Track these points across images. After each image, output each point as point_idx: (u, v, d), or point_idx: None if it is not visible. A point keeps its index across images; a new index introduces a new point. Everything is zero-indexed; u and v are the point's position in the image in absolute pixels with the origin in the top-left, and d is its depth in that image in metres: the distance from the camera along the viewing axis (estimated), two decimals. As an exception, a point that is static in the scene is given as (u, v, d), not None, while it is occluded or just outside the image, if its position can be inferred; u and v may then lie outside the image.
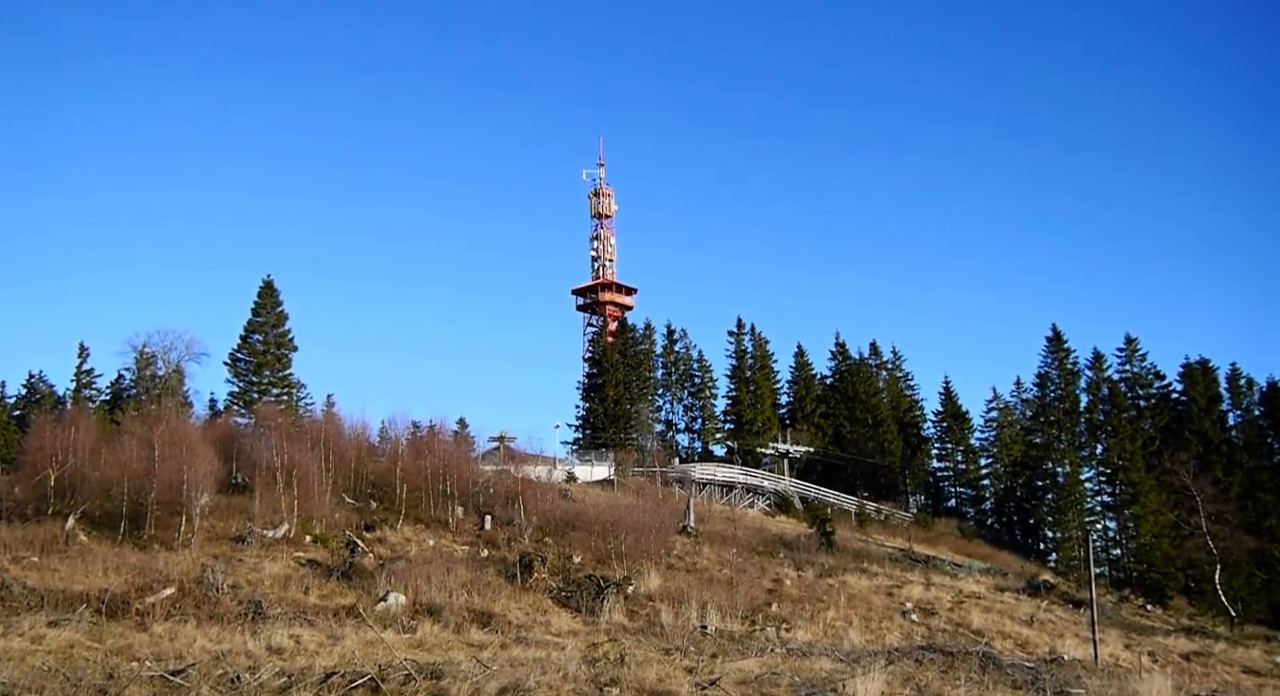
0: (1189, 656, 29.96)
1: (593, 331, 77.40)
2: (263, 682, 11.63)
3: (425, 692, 11.74)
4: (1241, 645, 34.18)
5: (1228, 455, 56.38)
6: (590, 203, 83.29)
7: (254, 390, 48.10)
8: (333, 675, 12.05)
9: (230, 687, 11.43)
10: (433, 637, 19.11)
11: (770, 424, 64.07)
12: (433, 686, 12.16)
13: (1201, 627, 39.15)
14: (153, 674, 11.55)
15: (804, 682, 13.82)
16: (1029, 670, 15.84)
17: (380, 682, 12.06)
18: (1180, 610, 46.83)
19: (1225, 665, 28.96)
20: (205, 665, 12.82)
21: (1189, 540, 47.99)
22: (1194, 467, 46.69)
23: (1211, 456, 54.48)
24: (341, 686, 11.72)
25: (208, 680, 11.68)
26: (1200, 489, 45.40)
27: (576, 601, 26.43)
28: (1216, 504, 46.20)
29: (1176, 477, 47.10)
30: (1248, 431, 59.83)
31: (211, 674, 12.19)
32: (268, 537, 28.69)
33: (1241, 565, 47.66)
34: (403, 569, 25.86)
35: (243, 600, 19.67)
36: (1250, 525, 49.82)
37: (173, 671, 12.11)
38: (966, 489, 68.27)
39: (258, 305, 49.56)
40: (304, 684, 11.83)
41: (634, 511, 36.43)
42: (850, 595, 32.70)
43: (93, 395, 47.69)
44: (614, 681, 13.34)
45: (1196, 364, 61.01)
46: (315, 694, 11.37)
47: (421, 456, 39.20)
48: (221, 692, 11.15)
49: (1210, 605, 44.93)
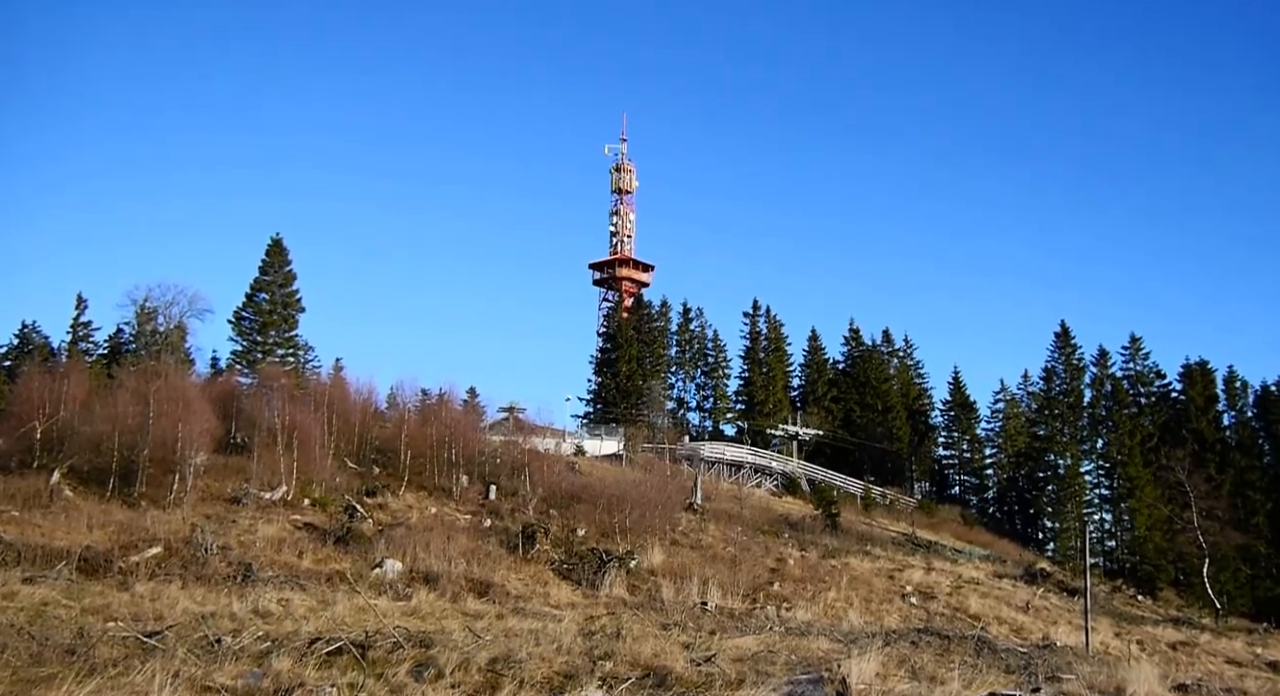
0: (1175, 646, 30.29)
1: (608, 306, 76.61)
2: (244, 647, 10.91)
3: (412, 661, 10.97)
4: (1225, 636, 34.71)
5: (1221, 454, 57.27)
6: (611, 177, 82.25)
7: (258, 350, 47.34)
8: (317, 640, 11.32)
9: (208, 651, 10.70)
10: (428, 606, 18.47)
11: (781, 406, 63.76)
12: (421, 655, 11.43)
13: (1188, 619, 39.79)
14: (125, 635, 10.82)
15: (800, 661, 13.30)
16: (1022, 655, 15.71)
17: (366, 650, 11.33)
18: (1169, 601, 47.67)
19: (1209, 655, 29.29)
20: (184, 627, 12.12)
21: (1181, 534, 49.23)
22: (1189, 465, 47.33)
23: (1206, 454, 55.01)
24: (324, 653, 10.98)
25: (185, 642, 10.95)
26: (1194, 485, 46.22)
27: (578, 574, 25.83)
28: (1208, 500, 47.32)
29: (1172, 474, 47.92)
30: (1241, 432, 60.72)
31: (190, 636, 11.47)
32: (264, 499, 28.07)
33: (1229, 560, 48.91)
34: (402, 535, 25.24)
35: (232, 562, 19.01)
36: (1239, 522, 51.21)
37: (149, 633, 11.40)
38: (971, 477, 68.35)
39: (265, 264, 48.68)
40: (287, 649, 11.11)
41: (640, 486, 35.81)
42: (852, 577, 32.52)
43: (89, 348, 46.74)
44: (608, 655, 12.66)
45: (1196, 365, 61.78)
46: (298, 659, 10.61)
47: (428, 423, 38.55)
48: (198, 656, 10.41)
49: (1198, 597, 45.86)
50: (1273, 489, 56.23)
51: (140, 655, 10.26)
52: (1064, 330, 64.24)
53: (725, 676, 11.68)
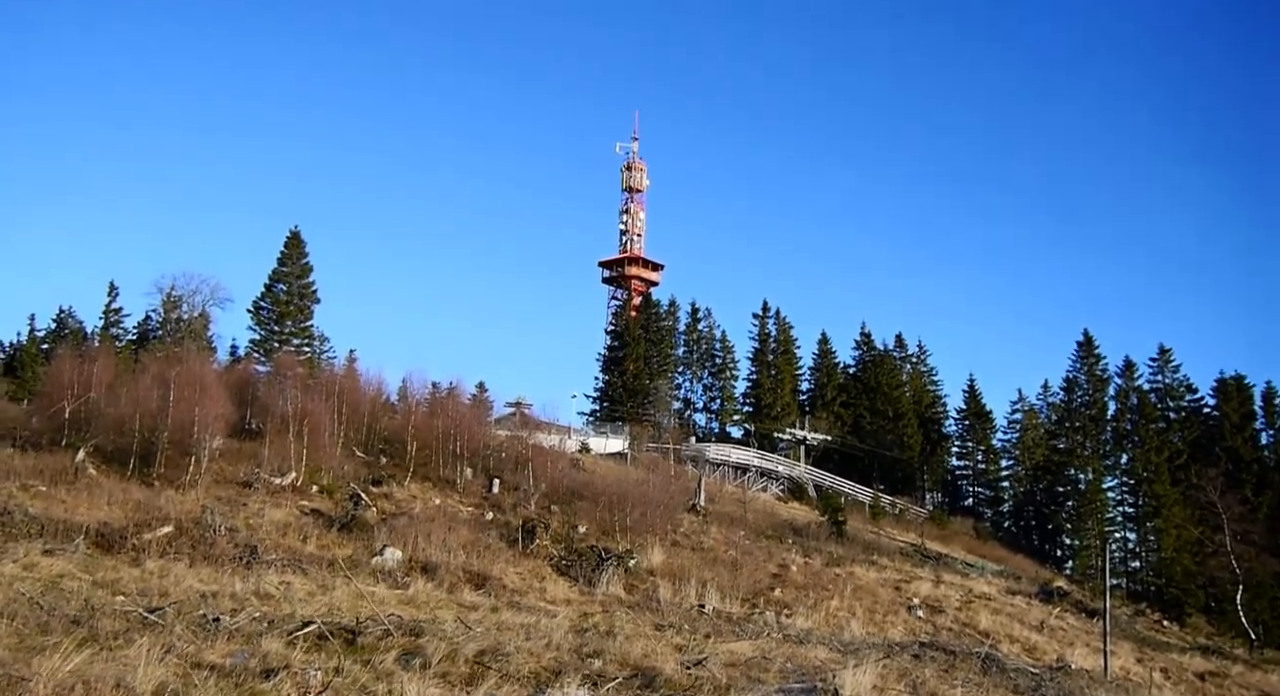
0: (1204, 675, 29.17)
1: (617, 305, 77.00)
2: (239, 626, 11.42)
3: (400, 649, 11.44)
4: (1260, 668, 33.26)
5: (1258, 474, 55.19)
6: (622, 176, 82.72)
7: (275, 339, 48.31)
8: (310, 623, 11.81)
9: (204, 629, 11.22)
10: (424, 595, 18.93)
11: (789, 409, 63.52)
12: (410, 643, 11.89)
13: (1219, 647, 38.12)
14: (129, 609, 11.36)
15: (795, 669, 13.39)
16: (1034, 676, 15.26)
17: (356, 635, 11.81)
18: (1198, 628, 45.69)
19: (1241, 687, 28.18)
20: (186, 604, 12.67)
21: (1212, 558, 46.97)
22: (1222, 484, 45.46)
23: (1241, 474, 53.21)
24: (315, 636, 11.46)
25: (183, 619, 11.48)
26: (1227, 507, 44.26)
27: (576, 571, 26.19)
28: (1243, 523, 45.24)
29: (1203, 493, 46.03)
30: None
31: (190, 614, 12.00)
32: (274, 484, 28.73)
33: (1265, 587, 46.09)
34: (404, 525, 25.75)
35: (239, 544, 19.61)
36: (1277, 547, 48.55)
37: (151, 608, 11.94)
38: (985, 489, 67.39)
39: (284, 255, 49.65)
40: (281, 630, 11.61)
41: (643, 486, 36.12)
42: (856, 586, 32.27)
43: (119, 334, 48.12)
44: (598, 653, 12.98)
45: (1232, 379, 59.77)
46: (288, 641, 11.10)
47: (435, 415, 39.12)
48: (194, 633, 10.93)
49: (1230, 625, 43.76)
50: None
51: (140, 629, 10.79)
52: (1087, 339, 62.70)
53: (715, 681, 11.75)
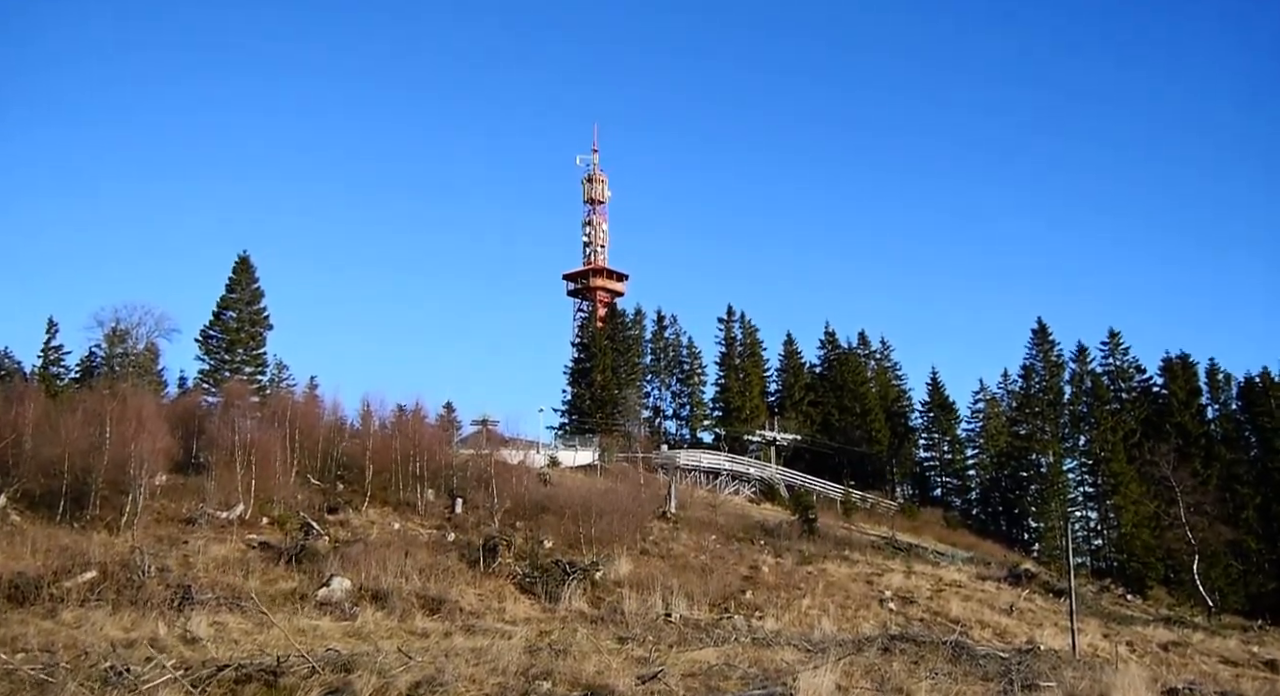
0: (1167, 646, 29.55)
1: (582, 317, 76.20)
2: (145, 678, 10.39)
3: (324, 687, 10.51)
4: (1219, 635, 34.01)
5: (1206, 448, 56.86)
6: (583, 188, 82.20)
7: (226, 368, 46.71)
8: (224, 667, 10.83)
9: (104, 684, 10.19)
10: (373, 625, 17.98)
11: (758, 411, 63.30)
12: (338, 680, 10.94)
13: (1180, 617, 38.95)
14: (16, 668, 10.31)
15: (758, 674, 12.74)
16: (1003, 660, 14.98)
17: (277, 676, 10.85)
18: (1159, 600, 47.00)
19: (1203, 655, 28.54)
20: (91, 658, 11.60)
21: (1169, 531, 48.47)
22: (1174, 460, 46.77)
23: (1190, 449, 54.60)
24: (231, 681, 10.50)
25: (80, 674, 10.44)
26: (1179, 480, 45.68)
27: (540, 588, 25.34)
28: (1195, 495, 46.62)
29: (1157, 469, 47.43)
30: (1225, 425, 60.40)
31: (93, 667, 10.97)
32: (220, 519, 27.47)
33: (1219, 556, 48.32)
34: (358, 553, 24.67)
35: (171, 585, 18.45)
36: (1228, 517, 50.48)
37: (48, 665, 10.88)
38: (953, 479, 67.98)
39: (232, 281, 48.10)
40: (192, 678, 10.62)
41: (610, 495, 35.33)
42: (829, 583, 31.98)
43: (60, 372, 46.14)
44: (547, 674, 12.17)
45: (1177, 358, 61.52)
46: (200, 691, 10.13)
47: (393, 437, 37.97)
48: (91, 689, 9.91)
49: (1188, 595, 45.30)
50: (1261, 482, 55.64)
51: (30, 690, 9.77)
52: (1041, 327, 63.80)
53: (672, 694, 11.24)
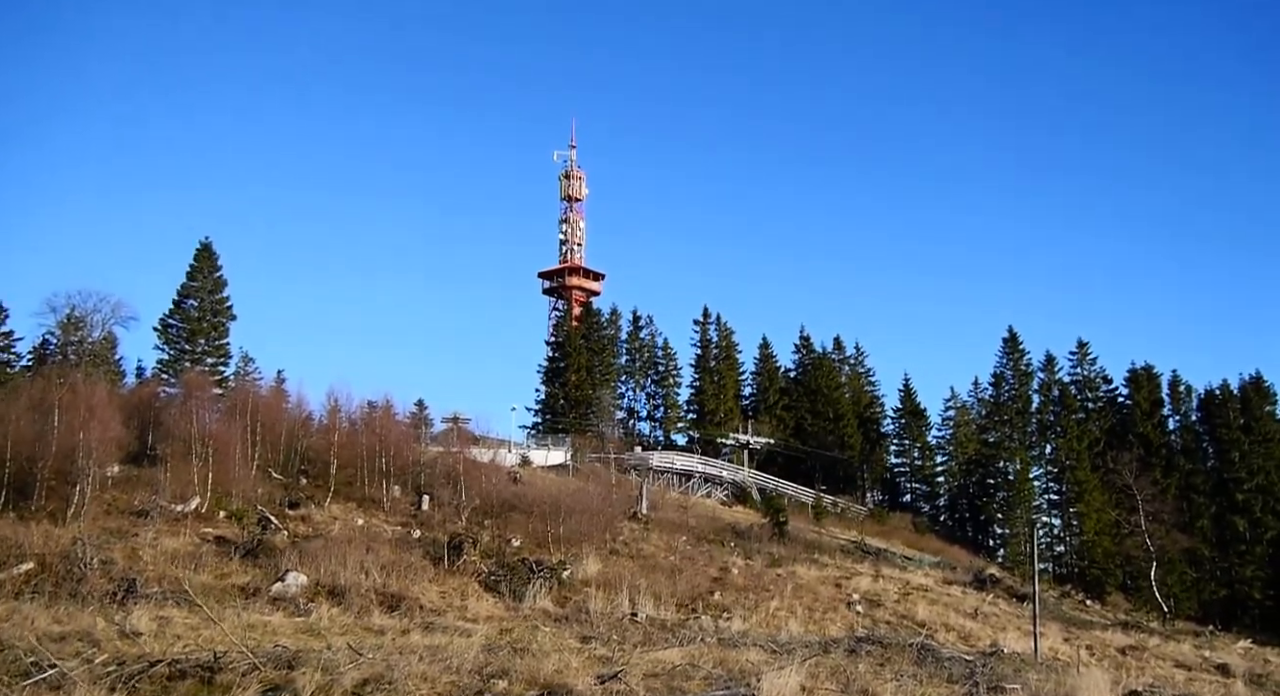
0: (1125, 650, 30.15)
1: (558, 315, 75.43)
2: (64, 672, 9.64)
3: (264, 685, 9.82)
4: (1173, 640, 34.92)
5: (1166, 458, 58.15)
6: (561, 185, 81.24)
7: (186, 358, 45.36)
8: (157, 663, 10.09)
9: (22, 678, 9.43)
10: (327, 622, 17.23)
11: (732, 414, 63.17)
12: (280, 677, 10.24)
13: (1137, 622, 39.94)
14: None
15: (723, 675, 12.31)
16: (967, 663, 14.96)
17: (214, 673, 10.13)
18: (1117, 605, 47.95)
19: (1158, 658, 29.23)
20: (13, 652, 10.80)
21: (1129, 538, 49.79)
22: (1135, 469, 47.75)
23: (1152, 459, 55.66)
24: (164, 677, 9.78)
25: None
26: (1140, 489, 46.66)
27: (505, 586, 24.68)
28: (1154, 504, 47.78)
29: (1119, 478, 48.44)
30: (1185, 436, 61.57)
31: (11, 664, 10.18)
32: (174, 512, 26.46)
33: (1175, 563, 49.72)
34: (317, 548, 23.80)
35: (115, 578, 17.57)
36: (1184, 525, 52.14)
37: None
38: (922, 484, 68.33)
39: (194, 269, 46.71)
40: (122, 674, 9.88)
41: (581, 495, 34.75)
42: (797, 585, 31.81)
43: (10, 360, 44.45)
44: (504, 672, 11.57)
45: (1141, 369, 62.57)
46: (126, 687, 9.40)
47: (360, 433, 37.08)
48: (9, 685, 9.15)
49: (1145, 601, 46.46)
50: (1216, 492, 56.93)
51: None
52: (1012, 336, 64.81)
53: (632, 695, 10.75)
